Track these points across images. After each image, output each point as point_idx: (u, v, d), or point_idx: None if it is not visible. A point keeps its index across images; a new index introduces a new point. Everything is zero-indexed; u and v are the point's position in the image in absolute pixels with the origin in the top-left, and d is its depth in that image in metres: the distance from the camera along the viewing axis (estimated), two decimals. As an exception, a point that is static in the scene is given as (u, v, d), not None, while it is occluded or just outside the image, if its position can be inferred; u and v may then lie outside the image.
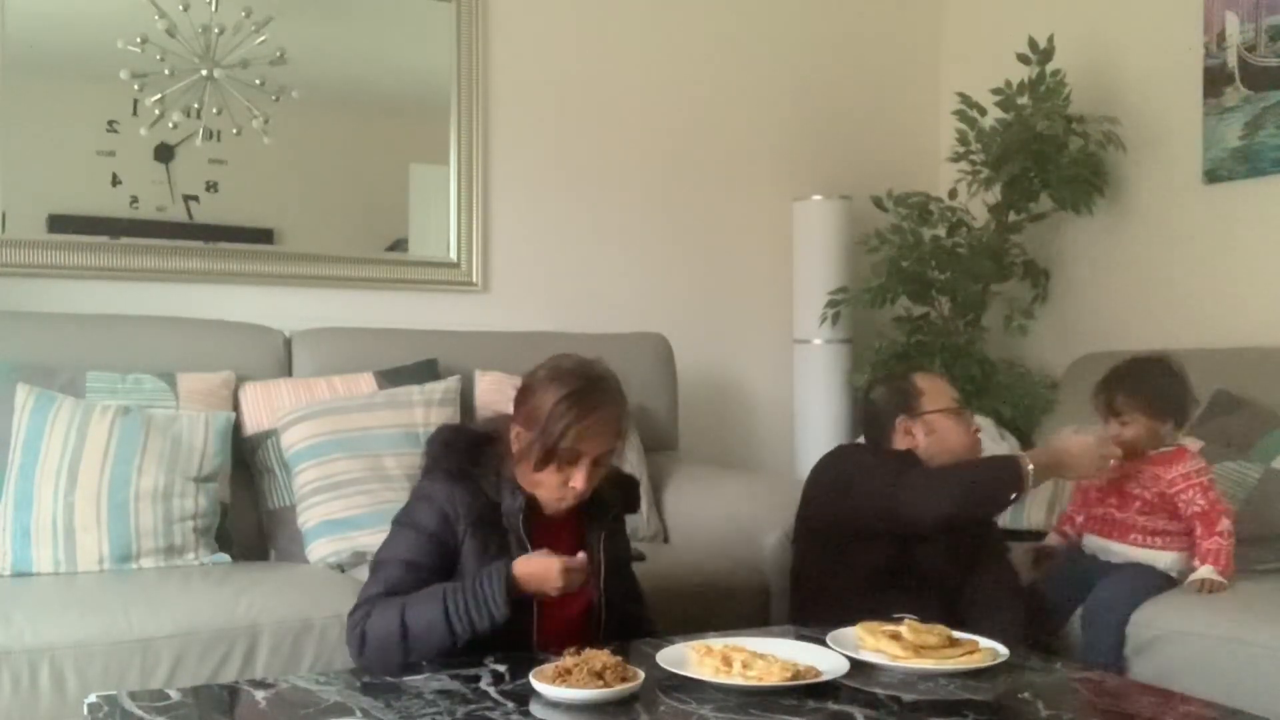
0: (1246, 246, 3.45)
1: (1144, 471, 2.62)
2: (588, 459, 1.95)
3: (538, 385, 1.98)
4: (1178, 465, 2.59)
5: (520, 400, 2.02)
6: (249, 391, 2.83)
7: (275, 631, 2.22)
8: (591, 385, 1.97)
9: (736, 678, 1.66)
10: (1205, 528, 2.53)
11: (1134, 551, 2.61)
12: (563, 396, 1.93)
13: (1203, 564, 2.51)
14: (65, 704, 2.04)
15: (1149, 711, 1.69)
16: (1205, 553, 2.52)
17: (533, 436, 1.94)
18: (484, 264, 3.58)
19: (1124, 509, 2.64)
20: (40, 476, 2.45)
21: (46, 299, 2.95)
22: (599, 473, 1.98)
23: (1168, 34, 3.65)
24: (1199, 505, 2.55)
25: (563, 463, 1.94)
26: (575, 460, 1.94)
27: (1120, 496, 2.65)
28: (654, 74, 3.87)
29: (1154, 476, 2.60)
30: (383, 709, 1.56)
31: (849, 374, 3.87)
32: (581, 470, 1.95)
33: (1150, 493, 2.60)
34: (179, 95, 3.15)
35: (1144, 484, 2.62)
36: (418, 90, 3.49)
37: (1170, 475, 2.58)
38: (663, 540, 3.09)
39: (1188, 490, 2.56)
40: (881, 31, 4.31)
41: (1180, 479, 2.57)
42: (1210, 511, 2.54)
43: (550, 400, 1.94)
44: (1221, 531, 2.52)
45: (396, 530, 2.02)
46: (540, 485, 1.97)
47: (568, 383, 1.95)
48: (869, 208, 3.87)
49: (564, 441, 1.91)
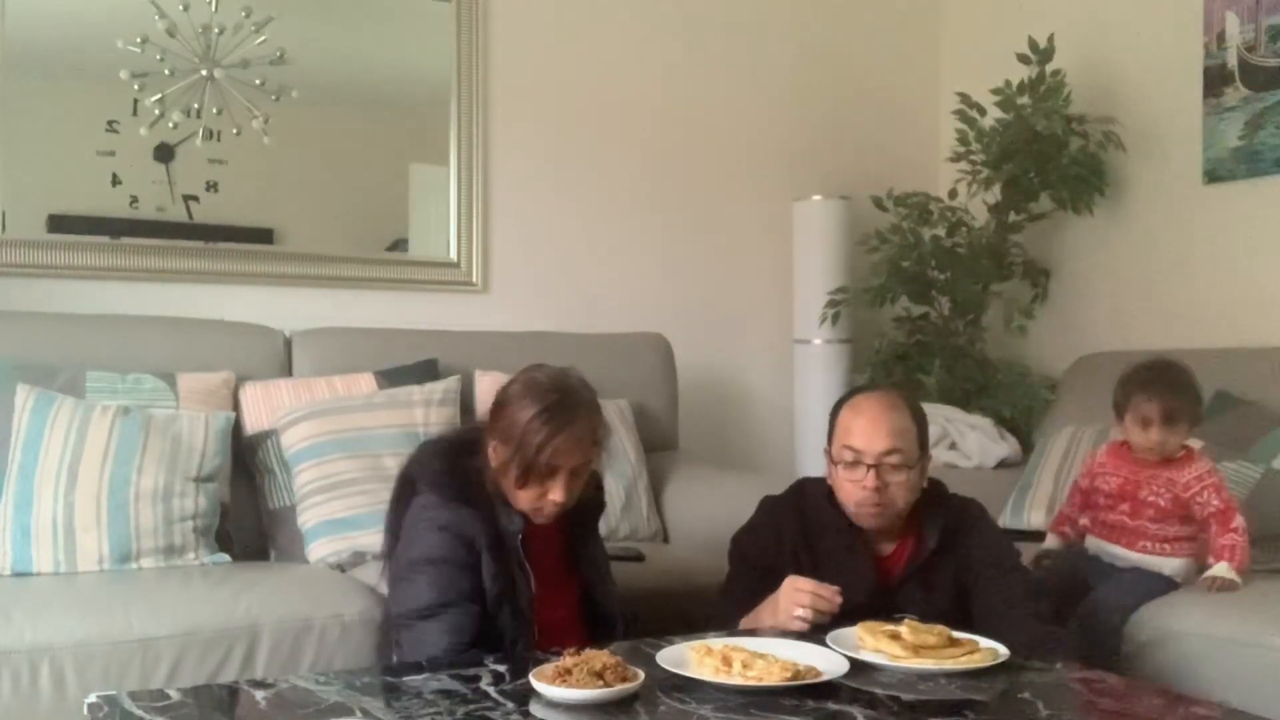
0: (1246, 246, 3.45)
1: (1158, 477, 2.57)
2: (564, 471, 1.95)
3: (512, 400, 1.98)
4: (1190, 468, 2.56)
5: (495, 415, 2.02)
6: (249, 391, 2.83)
7: (275, 631, 2.22)
8: (564, 400, 1.96)
9: (736, 678, 1.66)
10: (1220, 525, 2.52)
11: (1142, 558, 2.59)
12: (536, 414, 1.93)
13: (1218, 560, 2.49)
14: (65, 704, 2.04)
15: (1149, 711, 1.69)
16: (1221, 549, 2.50)
17: (509, 451, 1.94)
18: (484, 264, 3.58)
19: (1136, 517, 2.60)
20: (40, 476, 2.45)
21: (46, 299, 2.95)
22: (578, 483, 1.99)
23: (1168, 34, 3.65)
24: (1215, 505, 2.53)
25: (541, 477, 1.95)
26: (553, 474, 1.95)
27: (1133, 504, 2.60)
28: (654, 74, 3.87)
29: (1169, 481, 2.56)
30: (383, 709, 1.56)
31: (849, 374, 3.87)
32: (559, 483, 1.95)
33: (1164, 499, 2.56)
34: (179, 95, 3.15)
35: (1157, 491, 2.57)
36: (418, 90, 3.49)
37: (1185, 479, 2.55)
38: (663, 540, 3.09)
39: (1203, 492, 2.54)
40: (881, 31, 4.32)
41: (1194, 481, 2.55)
42: (1226, 510, 2.53)
43: (525, 417, 1.94)
44: (1236, 528, 2.51)
45: (430, 569, 1.95)
46: (519, 497, 1.98)
47: (541, 398, 1.95)
48: (869, 208, 3.88)
49: (540, 457, 1.92)
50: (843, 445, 2.15)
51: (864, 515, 2.14)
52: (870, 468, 2.10)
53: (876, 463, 2.10)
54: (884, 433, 2.11)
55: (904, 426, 2.14)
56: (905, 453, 2.12)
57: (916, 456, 2.15)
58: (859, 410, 2.17)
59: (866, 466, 2.11)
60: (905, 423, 2.15)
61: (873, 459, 2.10)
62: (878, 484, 2.10)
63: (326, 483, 2.68)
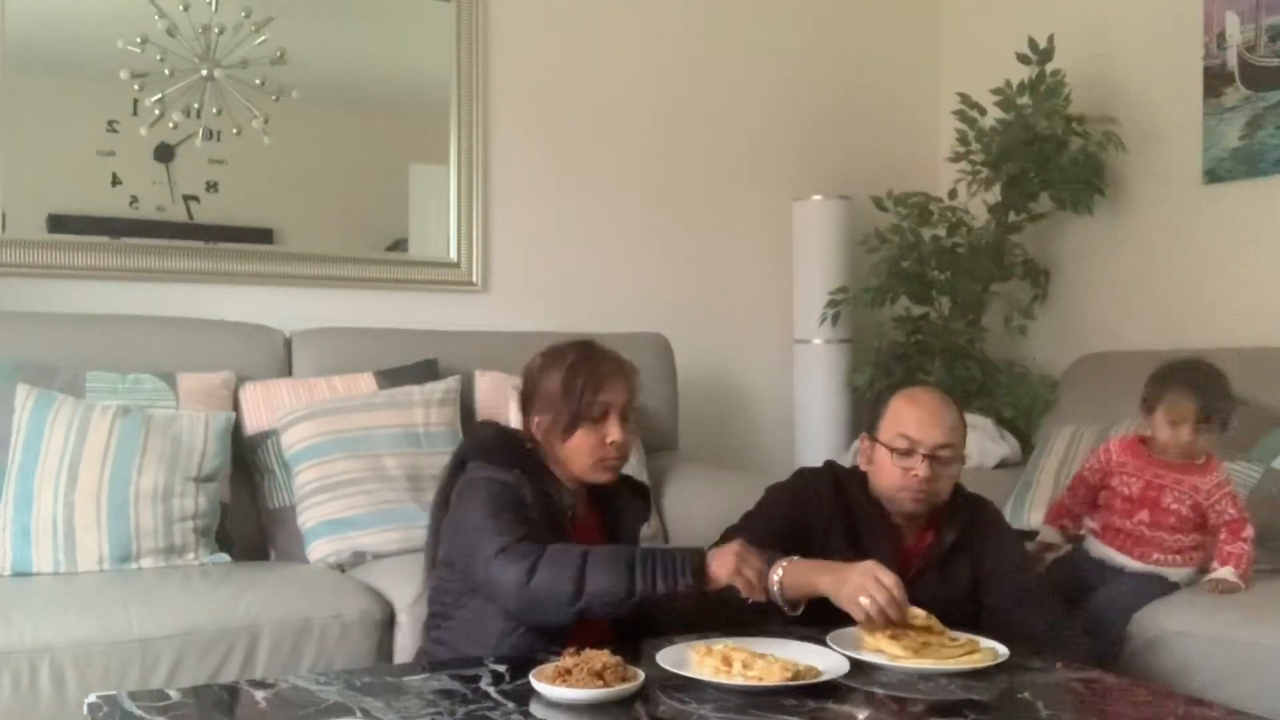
0: (1246, 246, 3.45)
1: (1183, 483, 2.54)
2: (615, 410, 2.02)
3: (541, 371, 2.08)
4: (1212, 475, 2.54)
5: (528, 395, 2.10)
6: (249, 391, 2.83)
7: (275, 631, 2.22)
8: (588, 347, 2.09)
9: (736, 678, 1.66)
10: (1231, 534, 2.51)
11: (1149, 569, 2.56)
12: (570, 363, 2.04)
13: (1223, 566, 2.48)
14: (65, 704, 2.04)
15: (1149, 711, 1.69)
16: (1228, 555, 2.49)
17: (554, 411, 2.02)
18: (484, 264, 3.58)
19: (1155, 527, 2.55)
20: (40, 476, 2.45)
21: (46, 299, 2.95)
22: (629, 427, 2.05)
23: (1168, 34, 3.65)
24: (1230, 514, 2.51)
25: (594, 421, 2.01)
26: (604, 415, 2.02)
27: (1154, 511, 2.55)
28: (654, 74, 3.87)
29: (1193, 487, 2.53)
30: (383, 709, 1.56)
31: (849, 374, 3.87)
32: (613, 423, 2.02)
33: (1186, 506, 2.52)
34: (179, 95, 3.15)
35: (1180, 498, 2.53)
36: (418, 90, 3.49)
37: (1207, 486, 2.52)
38: (663, 540, 3.09)
39: (1221, 500, 2.52)
40: (881, 31, 4.31)
41: (1215, 489, 2.52)
42: (1239, 520, 2.51)
43: (560, 372, 2.03)
44: (1246, 538, 2.49)
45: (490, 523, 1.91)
46: (579, 453, 2.02)
47: (568, 354, 2.07)
48: (869, 208, 3.87)
49: (586, 396, 2.00)
50: (898, 433, 2.18)
51: (904, 500, 2.18)
52: (925, 458, 2.15)
53: (931, 453, 2.15)
54: (942, 425, 2.17)
55: (956, 422, 2.22)
56: (956, 447, 2.19)
57: (963, 452, 2.23)
58: (917, 401, 2.23)
59: (922, 456, 2.15)
60: (957, 418, 2.23)
61: (928, 449, 2.15)
62: (930, 474, 2.15)
63: (326, 483, 2.68)
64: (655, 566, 1.82)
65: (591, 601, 1.82)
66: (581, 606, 1.82)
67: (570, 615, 1.84)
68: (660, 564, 1.83)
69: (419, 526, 2.62)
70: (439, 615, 2.04)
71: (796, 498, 2.26)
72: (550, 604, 1.83)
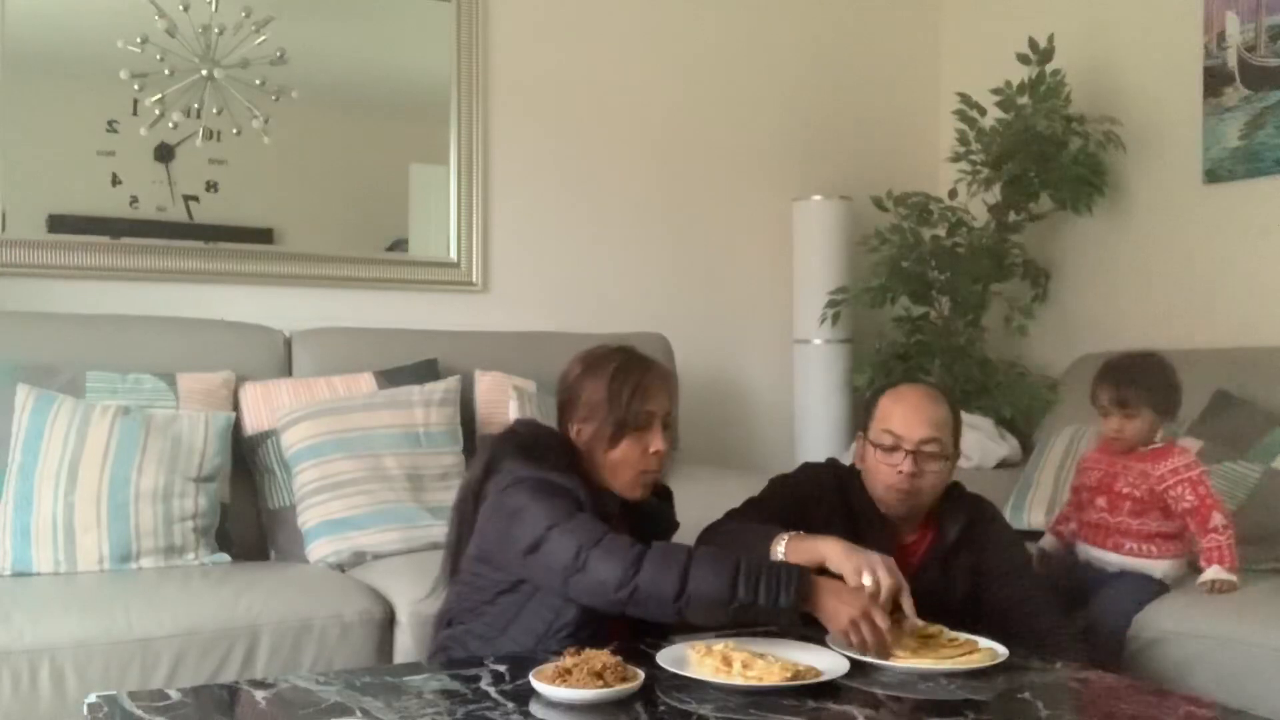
0: (1246, 246, 3.45)
1: (1132, 469, 2.58)
2: (658, 419, 2.01)
3: (582, 380, 2.05)
4: (1166, 461, 2.56)
5: (569, 402, 2.06)
6: (249, 391, 2.83)
7: (275, 631, 2.22)
8: (629, 355, 2.06)
9: (736, 678, 1.66)
10: (1198, 525, 2.50)
11: (1128, 561, 2.58)
12: (614, 371, 2.01)
13: (1208, 565, 2.48)
14: (65, 704, 2.04)
15: (1149, 711, 1.69)
16: (1208, 552, 2.49)
17: (598, 420, 1.99)
18: (484, 264, 3.58)
19: (1114, 512, 2.60)
20: (40, 476, 2.45)
21: (46, 299, 2.95)
22: (669, 436, 2.04)
23: (1168, 34, 3.65)
24: (1188, 501, 2.51)
25: (638, 430, 1.99)
26: (649, 424, 2.00)
27: (1110, 497, 2.61)
28: (653, 74, 3.87)
29: (1142, 474, 2.57)
30: (383, 709, 1.56)
31: (849, 374, 3.87)
32: (655, 432, 2.01)
33: (1140, 490, 2.56)
34: (179, 95, 3.15)
35: (1133, 482, 2.57)
36: (418, 90, 3.49)
37: (1159, 471, 2.55)
38: (663, 540, 3.09)
39: (1177, 486, 2.52)
40: (881, 31, 4.32)
41: (1169, 474, 2.54)
42: (1200, 507, 2.50)
43: (604, 380, 2.01)
44: (1215, 527, 2.48)
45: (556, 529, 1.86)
46: (622, 465, 2.00)
47: (610, 361, 2.04)
48: (869, 208, 3.87)
49: (633, 405, 1.98)
50: (882, 429, 2.20)
51: (891, 499, 2.19)
52: (908, 453, 2.15)
53: (915, 449, 2.16)
54: (925, 421, 2.18)
55: (943, 418, 2.21)
56: (942, 443, 2.18)
57: (951, 449, 2.21)
58: (901, 397, 2.23)
59: (905, 452, 2.16)
60: (944, 415, 2.21)
61: (911, 445, 2.16)
62: (914, 470, 2.15)
63: (326, 483, 2.68)
64: (760, 577, 1.79)
65: (693, 601, 1.79)
66: (682, 605, 1.79)
67: (673, 613, 1.81)
68: (765, 576, 1.79)
69: (419, 526, 2.64)
70: (466, 611, 2.00)
71: (799, 490, 2.27)
72: (654, 601, 1.80)
